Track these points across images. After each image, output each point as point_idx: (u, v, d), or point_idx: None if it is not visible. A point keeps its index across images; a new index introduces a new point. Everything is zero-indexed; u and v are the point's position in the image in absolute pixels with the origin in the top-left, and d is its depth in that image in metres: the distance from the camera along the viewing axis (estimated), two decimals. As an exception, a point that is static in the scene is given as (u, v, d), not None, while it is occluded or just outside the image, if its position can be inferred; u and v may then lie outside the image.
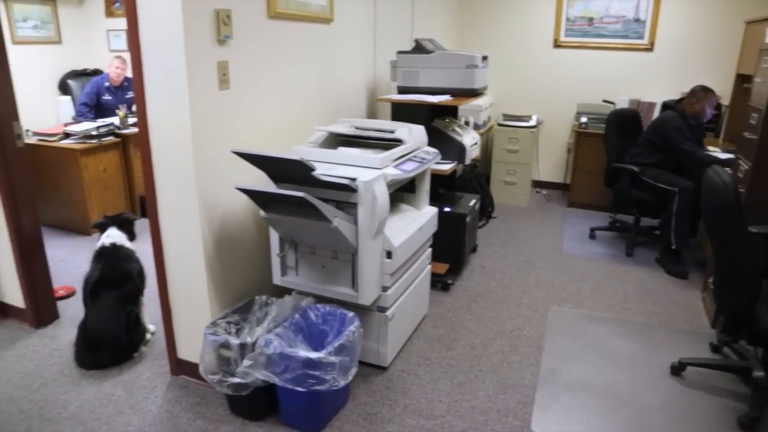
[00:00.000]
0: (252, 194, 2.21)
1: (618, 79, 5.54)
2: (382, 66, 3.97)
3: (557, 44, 5.72)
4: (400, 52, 3.67)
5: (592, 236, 4.71)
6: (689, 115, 4.09)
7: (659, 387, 2.71)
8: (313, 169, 2.14)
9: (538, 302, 3.55)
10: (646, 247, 4.47)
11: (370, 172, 2.35)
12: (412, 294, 2.96)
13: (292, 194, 2.01)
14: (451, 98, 3.50)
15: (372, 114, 3.94)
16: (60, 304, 3.36)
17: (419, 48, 3.65)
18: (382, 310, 2.65)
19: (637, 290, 3.75)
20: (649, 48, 5.39)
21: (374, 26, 3.80)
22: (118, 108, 4.84)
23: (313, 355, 2.17)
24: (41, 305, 3.16)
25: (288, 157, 2.11)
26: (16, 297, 3.14)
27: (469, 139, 3.69)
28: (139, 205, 4.81)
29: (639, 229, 4.50)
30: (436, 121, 3.63)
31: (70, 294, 3.55)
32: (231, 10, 2.30)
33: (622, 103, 5.22)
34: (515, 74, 5.90)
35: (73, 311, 3.35)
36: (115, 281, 2.80)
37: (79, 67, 6.23)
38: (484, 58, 3.65)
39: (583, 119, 5.35)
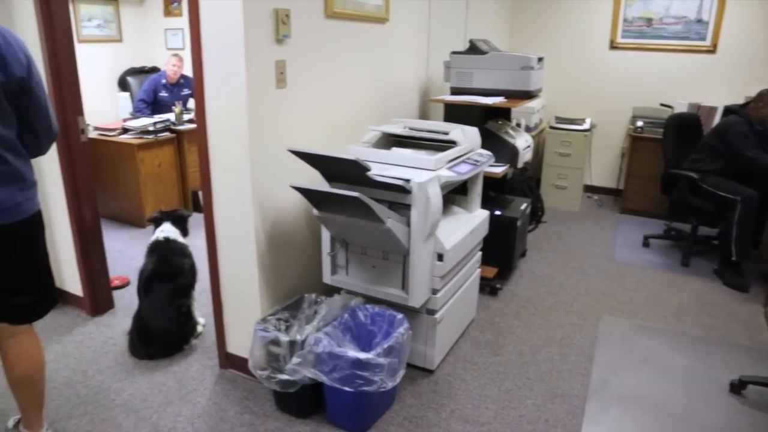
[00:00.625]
0: (306, 193, 2.22)
1: (677, 82, 5.35)
2: (434, 66, 3.95)
3: (613, 46, 5.57)
4: (453, 53, 3.64)
5: (645, 244, 4.57)
6: (755, 121, 3.91)
7: (717, 405, 2.60)
8: (368, 169, 2.13)
9: (589, 310, 3.46)
10: (703, 257, 4.31)
11: (424, 174, 2.33)
12: (461, 297, 2.93)
13: (347, 194, 2.01)
14: (505, 100, 3.44)
15: (424, 114, 3.92)
16: (115, 293, 3.46)
17: (473, 49, 3.61)
18: (431, 312, 2.62)
19: (694, 302, 3.61)
20: (712, 50, 5.19)
21: (428, 26, 3.77)
22: (174, 105, 4.96)
23: (362, 355, 2.16)
24: (98, 294, 3.26)
25: (344, 156, 2.11)
26: (75, 285, 3.24)
27: (522, 142, 3.63)
28: (191, 200, 4.92)
29: (696, 238, 4.34)
30: (489, 122, 3.59)
31: (125, 284, 3.66)
32: (290, 9, 2.32)
33: (681, 107, 5.04)
34: (569, 76, 5.78)
35: (127, 301, 3.44)
36: (168, 275, 2.86)
37: (138, 64, 6.42)
38: (540, 59, 3.59)
39: (639, 123, 5.20)
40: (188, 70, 5.51)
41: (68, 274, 3.25)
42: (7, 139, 1.78)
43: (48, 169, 3.01)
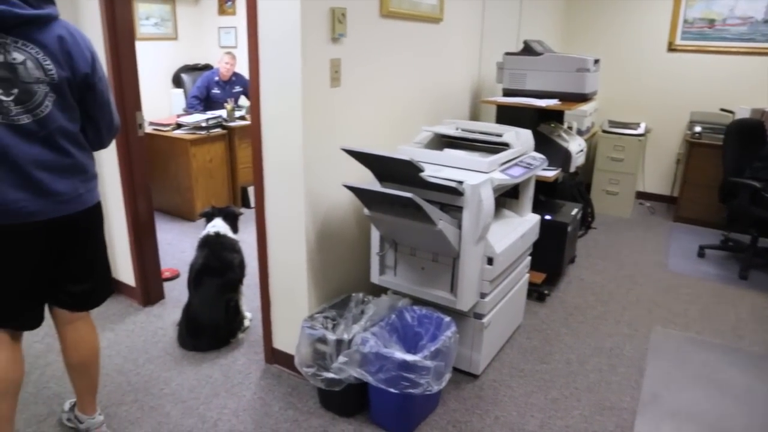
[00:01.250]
0: (359, 192, 2.22)
1: (739, 87, 5.14)
2: (487, 67, 3.90)
3: (672, 48, 5.39)
4: (507, 54, 3.58)
5: (701, 254, 4.41)
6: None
7: (779, 426, 2.49)
8: (421, 170, 2.12)
9: (640, 321, 3.36)
10: (763, 270, 4.13)
11: (476, 176, 2.30)
12: (509, 302, 2.88)
13: (400, 195, 1.99)
14: (559, 103, 3.37)
15: (474, 116, 3.87)
16: (165, 285, 3.54)
17: (528, 50, 3.54)
18: (479, 317, 2.59)
19: (753, 317, 3.46)
20: (779, 53, 4.97)
21: (481, 27, 3.73)
22: (227, 101, 5.05)
23: (409, 357, 2.14)
24: (150, 285, 3.34)
25: (398, 157, 2.10)
26: (128, 275, 3.33)
27: (575, 146, 3.54)
28: (240, 196, 5.00)
29: (756, 250, 4.16)
30: (542, 125, 3.52)
31: (175, 276, 3.74)
32: (346, 8, 2.32)
33: (743, 113, 4.83)
34: (623, 78, 5.62)
35: (177, 293, 3.52)
36: (218, 270, 2.90)
37: (192, 62, 6.57)
38: (596, 61, 3.50)
39: (697, 128, 5.01)
40: (240, 68, 5.61)
41: (122, 265, 3.34)
42: (71, 133, 1.84)
43: (107, 162, 3.09)
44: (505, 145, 2.66)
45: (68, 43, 1.75)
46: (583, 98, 3.45)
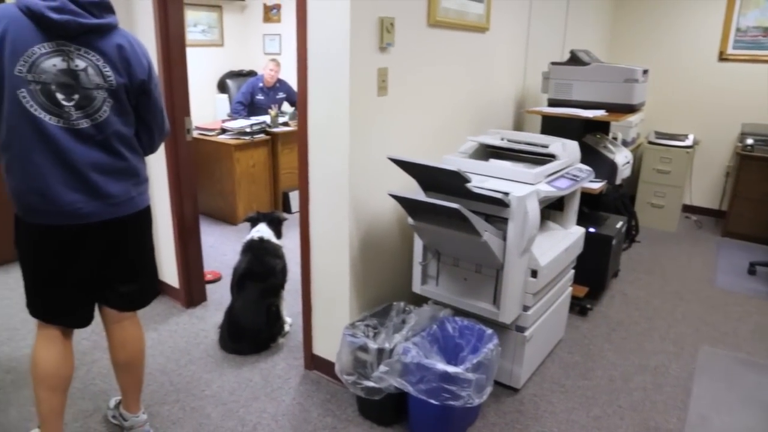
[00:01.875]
0: (404, 202, 2.21)
1: (795, 99, 4.97)
2: (531, 77, 3.86)
3: (723, 57, 5.24)
4: (553, 63, 3.54)
5: (751, 271, 4.26)
6: None
7: (836, 454, 2.38)
8: (468, 181, 2.10)
9: (686, 339, 3.26)
10: (818, 290, 3.97)
11: (522, 187, 2.27)
12: (551, 316, 2.83)
13: (447, 206, 1.98)
14: (606, 113, 3.31)
15: (518, 126, 3.84)
16: (207, 287, 3.59)
17: (574, 59, 3.50)
18: (521, 329, 2.55)
19: (808, 338, 3.33)
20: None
21: (527, 36, 3.69)
22: (270, 107, 5.12)
23: (451, 369, 2.12)
24: (193, 287, 3.40)
25: (445, 167, 2.09)
26: (172, 277, 3.40)
27: (622, 158, 3.48)
28: (282, 201, 5.06)
29: (811, 269, 4.01)
30: (588, 136, 3.46)
31: (217, 279, 3.80)
32: (395, 18, 2.32)
33: (798, 126, 4.68)
34: (671, 89, 5.49)
35: (218, 296, 3.57)
36: (261, 275, 2.94)
37: (237, 68, 6.69)
38: (645, 71, 3.43)
39: (749, 141, 4.85)
40: (283, 75, 5.69)
41: (166, 266, 3.40)
42: (126, 137, 1.89)
43: (156, 166, 3.17)
44: (551, 157, 2.62)
45: (127, 51, 1.81)
46: (631, 109, 3.38)
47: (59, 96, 1.72)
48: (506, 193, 2.20)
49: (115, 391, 2.55)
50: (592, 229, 3.45)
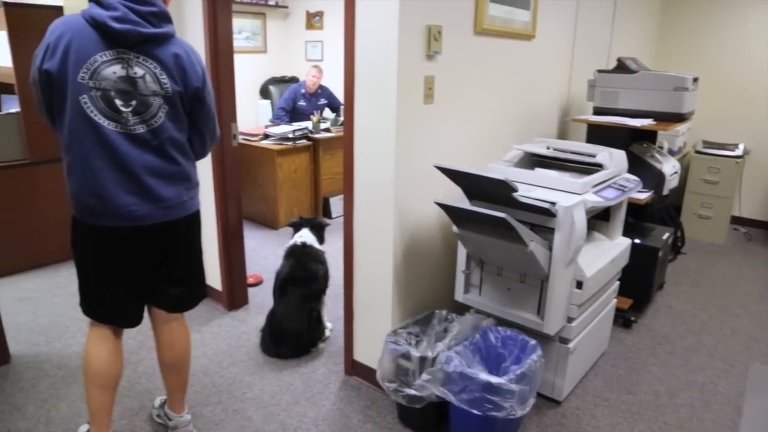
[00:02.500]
0: (450, 210, 2.21)
1: None
2: (576, 85, 3.81)
3: (776, 65, 5.08)
4: (599, 71, 3.49)
5: (804, 287, 4.11)
6: None
7: None
8: (515, 190, 2.08)
9: (736, 356, 3.15)
10: None
11: (569, 197, 2.24)
12: (595, 328, 2.78)
13: (494, 215, 1.97)
14: (654, 122, 3.24)
15: (562, 134, 3.79)
16: (249, 291, 3.64)
17: (622, 67, 3.44)
18: (564, 341, 2.51)
19: None
20: None
21: (572, 44, 3.65)
22: (313, 113, 5.17)
23: (494, 379, 2.10)
24: (235, 290, 3.46)
25: (492, 176, 2.08)
26: (215, 280, 3.45)
27: (669, 168, 3.40)
28: (322, 206, 5.10)
29: None
30: (634, 145, 3.39)
31: (258, 282, 3.84)
32: (442, 26, 2.33)
33: None
34: (720, 97, 5.34)
35: (259, 299, 3.62)
36: (303, 280, 2.96)
37: (279, 74, 6.79)
38: (695, 79, 3.35)
39: (803, 152, 4.69)
40: (325, 81, 5.74)
41: (210, 269, 3.45)
42: (180, 142, 1.93)
43: (202, 170, 3.21)
44: (598, 166, 2.58)
45: (183, 60, 1.86)
46: (680, 118, 3.31)
47: (118, 102, 1.78)
48: (553, 203, 2.17)
49: (160, 391, 2.61)
50: (637, 240, 3.38)
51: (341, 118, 5.40)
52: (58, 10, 3.75)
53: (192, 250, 2.14)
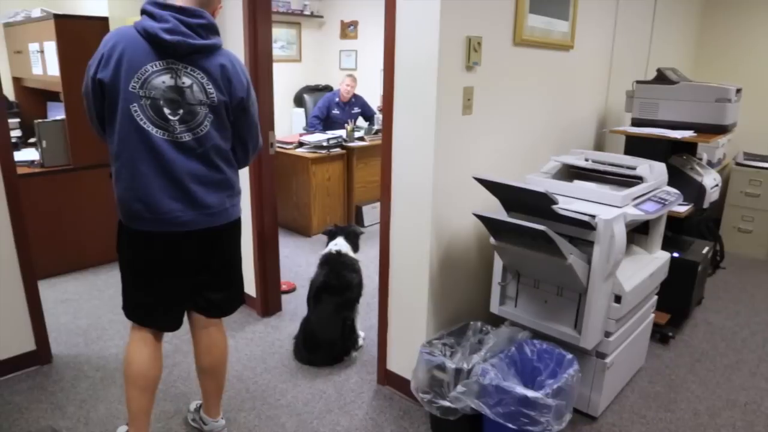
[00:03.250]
0: (488, 222, 2.20)
1: None
2: (614, 96, 3.76)
3: (821, 76, 4.94)
4: (638, 82, 3.45)
5: None
6: None
7: None
8: (555, 203, 2.07)
9: (781, 375, 3.07)
10: None
11: (609, 210, 2.21)
12: (632, 343, 2.73)
13: (534, 227, 1.95)
14: (695, 134, 3.18)
15: (599, 145, 3.74)
16: (282, 297, 3.67)
17: (661, 78, 3.39)
18: (601, 356, 2.47)
19: None
20: None
21: (611, 54, 3.61)
22: (347, 122, 5.21)
23: (530, 393, 2.08)
24: (269, 297, 3.49)
25: (533, 188, 2.06)
26: (250, 286, 3.49)
27: (710, 181, 3.33)
28: (354, 214, 5.12)
29: None
30: (674, 157, 3.34)
31: (291, 290, 3.88)
32: (482, 37, 2.33)
33: None
34: (762, 108, 5.20)
35: (292, 306, 3.65)
36: (337, 288, 2.98)
37: (313, 83, 6.87)
38: (738, 90, 3.28)
39: None
40: (358, 90, 5.78)
41: (245, 276, 3.45)
42: (224, 151, 1.97)
43: (240, 178, 3.28)
44: (638, 179, 2.54)
45: (229, 71, 1.90)
46: (722, 130, 3.24)
47: (166, 110, 1.83)
48: (593, 216, 2.15)
49: (195, 395, 2.65)
50: (676, 254, 3.31)
51: (375, 127, 5.44)
52: (103, 21, 3.86)
53: (232, 256, 2.17)
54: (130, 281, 2.06)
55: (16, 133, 4.17)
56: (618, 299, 2.37)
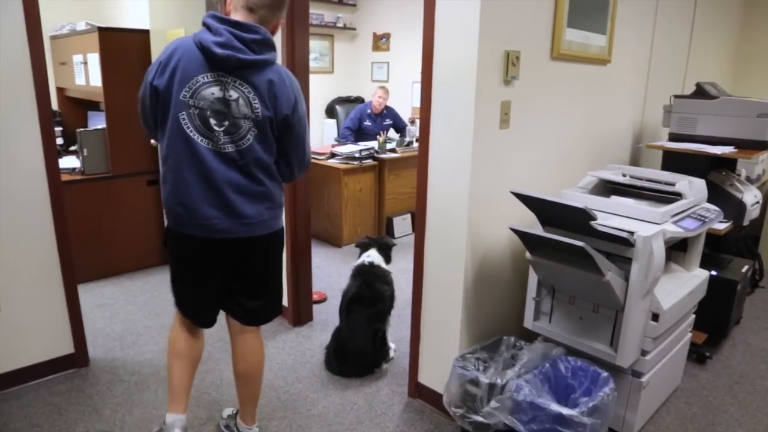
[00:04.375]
0: (525, 236, 2.19)
1: None
2: (650, 110, 3.71)
3: None
4: (676, 97, 3.40)
5: None
6: None
7: None
8: (594, 219, 2.05)
9: (824, 399, 2.97)
10: None
11: (648, 227, 2.18)
12: (669, 362, 2.68)
13: (572, 243, 1.94)
14: (736, 150, 3.12)
15: (635, 161, 3.70)
16: (314, 307, 3.69)
17: (701, 92, 3.34)
18: (637, 375, 2.43)
19: None
20: None
21: (648, 68, 3.57)
22: (379, 134, 5.24)
23: (566, 411, 2.05)
24: (301, 307, 3.52)
25: (571, 204, 2.05)
26: (282, 295, 3.51)
27: (750, 197, 3.26)
28: (385, 226, 5.13)
29: None
30: (713, 173, 3.27)
31: (322, 300, 3.89)
32: (520, 51, 2.33)
33: None
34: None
35: (323, 316, 3.66)
36: (369, 300, 2.99)
37: (345, 94, 6.93)
38: (781, 106, 3.21)
39: None
40: (389, 102, 5.81)
41: (278, 285, 3.53)
42: (266, 164, 2.00)
43: (283, 191, 3.32)
44: (677, 195, 2.51)
45: (276, 87, 1.91)
46: (764, 146, 3.17)
47: (212, 121, 1.88)
48: (631, 233, 2.12)
49: (227, 401, 2.68)
50: (714, 272, 3.24)
51: (407, 139, 5.46)
52: (144, 34, 3.96)
53: (269, 266, 2.20)
54: (172, 274, 2.19)
55: (58, 141, 4.29)
56: (656, 317, 2.33)
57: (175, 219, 2.00)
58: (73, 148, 4.43)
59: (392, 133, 5.84)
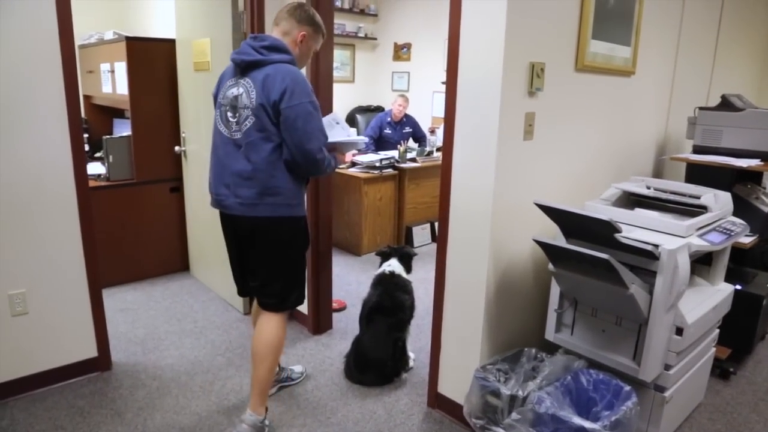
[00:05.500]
0: (548, 248, 2.18)
1: None
2: (674, 122, 3.69)
3: None
4: (701, 108, 3.37)
5: None
6: None
7: None
8: (619, 231, 2.04)
9: None
10: None
11: (673, 240, 2.17)
12: (692, 377, 2.64)
13: (596, 255, 1.93)
14: (762, 163, 3.09)
15: (658, 173, 3.67)
16: (333, 316, 3.70)
17: (726, 104, 3.31)
18: (660, 389, 2.40)
19: None
20: None
21: (672, 80, 3.55)
22: (400, 143, 5.26)
23: (588, 424, 2.03)
24: (321, 315, 3.53)
25: (596, 216, 2.04)
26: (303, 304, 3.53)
27: (776, 211, 3.21)
28: (405, 235, 5.14)
29: None
30: (738, 186, 3.24)
31: (342, 308, 3.90)
32: (545, 63, 2.33)
33: None
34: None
35: (343, 324, 3.67)
36: (390, 309, 2.99)
37: (365, 103, 6.97)
38: (808, 119, 3.17)
39: None
40: (410, 111, 5.84)
41: (298, 292, 3.55)
42: (260, 148, 2.20)
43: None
44: (702, 208, 2.48)
45: (270, 78, 2.17)
46: (791, 160, 3.13)
47: (229, 114, 2.27)
48: (656, 245, 2.11)
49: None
50: (738, 287, 3.20)
51: (426, 149, 5.47)
52: (170, 43, 4.03)
53: (268, 250, 2.35)
54: None
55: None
56: (680, 331, 2.30)
57: (211, 195, 2.39)
58: (98, 154, 4.51)
59: (411, 143, 5.86)
